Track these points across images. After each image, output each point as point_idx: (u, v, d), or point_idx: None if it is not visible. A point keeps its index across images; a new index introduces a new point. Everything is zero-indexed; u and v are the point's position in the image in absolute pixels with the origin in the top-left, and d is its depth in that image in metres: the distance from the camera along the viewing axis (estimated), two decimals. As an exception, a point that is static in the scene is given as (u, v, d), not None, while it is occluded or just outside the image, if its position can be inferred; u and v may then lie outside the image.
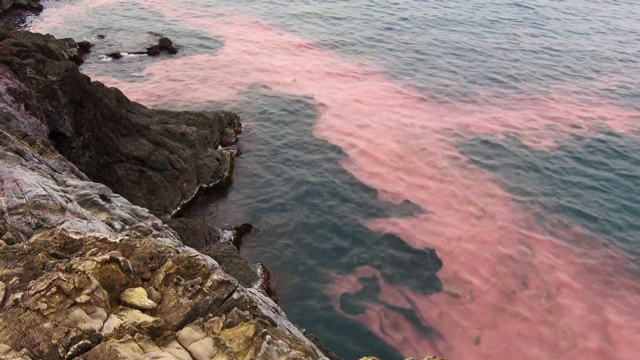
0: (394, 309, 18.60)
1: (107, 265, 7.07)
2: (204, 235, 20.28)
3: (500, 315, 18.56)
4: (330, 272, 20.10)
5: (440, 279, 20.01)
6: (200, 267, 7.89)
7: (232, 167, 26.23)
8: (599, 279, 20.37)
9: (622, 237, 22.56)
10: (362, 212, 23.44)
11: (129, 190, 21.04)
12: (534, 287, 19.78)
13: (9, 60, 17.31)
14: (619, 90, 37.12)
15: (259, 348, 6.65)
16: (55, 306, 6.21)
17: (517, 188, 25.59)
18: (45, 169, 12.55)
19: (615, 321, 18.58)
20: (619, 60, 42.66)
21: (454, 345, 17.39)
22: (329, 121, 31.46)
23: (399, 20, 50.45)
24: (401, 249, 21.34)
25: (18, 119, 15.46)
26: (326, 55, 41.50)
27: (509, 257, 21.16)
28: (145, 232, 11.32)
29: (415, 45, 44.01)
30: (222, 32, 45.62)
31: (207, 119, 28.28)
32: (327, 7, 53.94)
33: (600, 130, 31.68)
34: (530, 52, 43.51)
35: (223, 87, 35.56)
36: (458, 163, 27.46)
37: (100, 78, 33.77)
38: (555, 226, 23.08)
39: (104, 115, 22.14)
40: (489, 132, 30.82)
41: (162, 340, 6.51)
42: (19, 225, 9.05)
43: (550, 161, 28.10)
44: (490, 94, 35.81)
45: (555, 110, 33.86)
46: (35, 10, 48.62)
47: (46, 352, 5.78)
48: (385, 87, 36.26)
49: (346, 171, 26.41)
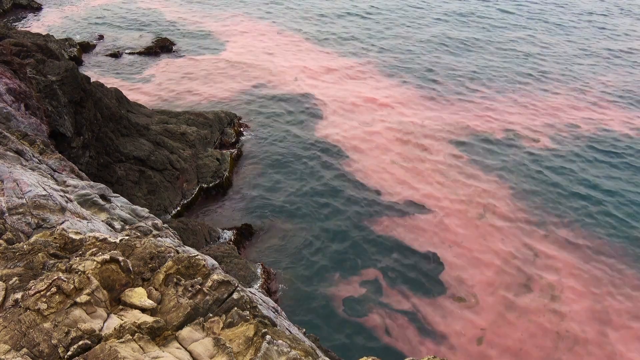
0: (395, 310, 18.59)
1: (107, 265, 7.07)
2: (204, 235, 20.27)
3: (502, 317, 18.54)
4: (331, 272, 20.10)
5: (442, 280, 20.00)
6: (200, 267, 7.89)
7: (232, 167, 26.22)
8: (602, 279, 20.36)
9: (625, 237, 22.55)
10: (362, 211, 23.44)
11: (129, 190, 21.04)
12: (537, 288, 19.76)
13: (9, 60, 17.31)
14: (619, 90, 37.12)
15: (259, 348, 6.65)
16: (55, 306, 6.21)
17: (518, 188, 25.59)
18: (45, 169, 12.54)
19: (618, 322, 18.57)
20: (618, 60, 42.66)
21: (456, 346, 17.39)
22: (330, 121, 31.46)
23: (399, 20, 50.45)
24: (403, 251, 21.32)
25: (18, 119, 15.46)
26: (327, 55, 41.50)
27: (511, 258, 21.15)
28: (145, 232, 11.32)
29: (416, 44, 44.01)
30: (222, 32, 45.62)
31: (207, 119, 28.28)
32: (328, 6, 53.95)
33: (600, 129, 31.68)
34: (530, 51, 43.51)
35: (223, 86, 35.55)
36: (459, 163, 27.45)
37: (100, 78, 33.78)
38: (558, 227, 23.07)
39: (104, 115, 22.14)
40: (489, 131, 30.82)
41: (162, 340, 6.51)
42: (19, 225, 9.04)
43: (551, 160, 28.10)
44: (490, 93, 35.80)
45: (554, 109, 33.86)
46: (35, 10, 48.62)
47: (46, 352, 5.78)
48: (386, 86, 36.27)
49: (347, 171, 26.40)
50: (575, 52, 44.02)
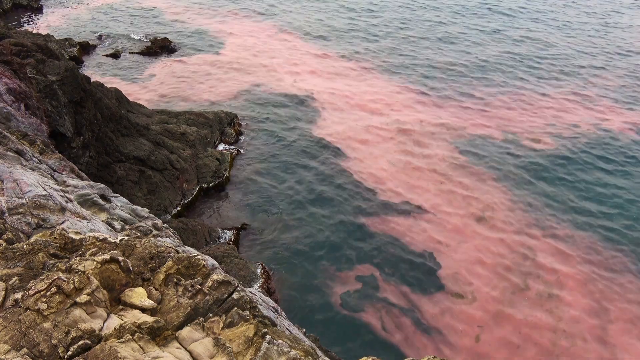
0: (395, 309, 18.60)
1: (107, 265, 7.07)
2: (204, 235, 20.27)
3: (500, 315, 18.56)
4: (331, 272, 20.10)
5: (441, 278, 20.01)
6: (200, 267, 7.89)
7: (232, 167, 26.23)
8: (599, 279, 20.37)
9: (623, 237, 22.55)
10: (362, 212, 23.44)
11: (129, 190, 21.04)
12: (535, 287, 19.77)
13: (9, 60, 17.30)
14: (618, 89, 37.12)
15: (259, 348, 6.65)
16: (55, 306, 6.21)
17: (516, 188, 25.59)
18: (45, 169, 12.55)
19: (616, 323, 18.57)
20: (617, 59, 42.65)
21: (454, 343, 17.40)
22: (329, 121, 31.46)
23: (399, 20, 50.44)
24: (402, 250, 21.34)
25: (18, 119, 15.46)
26: (326, 55, 41.50)
27: (509, 257, 21.15)
28: (145, 232, 11.32)
29: (416, 44, 44.00)
30: (222, 32, 45.62)
31: (207, 119, 28.28)
32: (328, 7, 53.93)
33: (600, 129, 31.68)
34: (529, 51, 43.50)
35: (223, 86, 35.55)
36: (457, 163, 27.46)
37: (100, 78, 33.78)
38: (556, 226, 23.07)
39: (104, 115, 22.14)
40: (488, 131, 30.82)
41: (162, 340, 6.51)
42: (19, 225, 9.05)
43: (549, 161, 28.10)
44: (489, 93, 35.80)
45: (554, 109, 33.86)
46: (35, 10, 48.62)
47: (46, 352, 5.78)
48: (385, 86, 36.27)
49: (346, 171, 26.41)
50: (575, 52, 44.02)
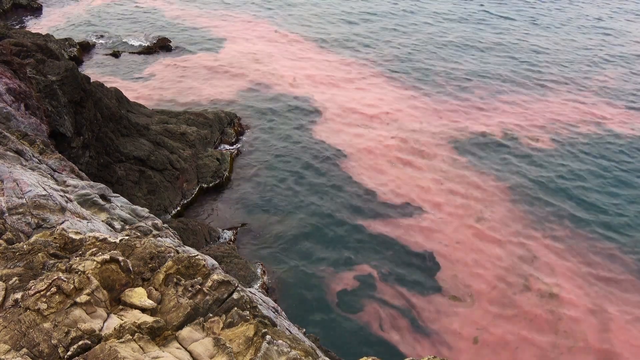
0: (395, 310, 18.61)
1: (107, 265, 7.07)
2: (204, 235, 20.28)
3: (499, 316, 18.56)
4: (331, 273, 20.11)
5: (440, 279, 20.02)
6: (200, 267, 7.89)
7: (232, 167, 26.23)
8: (599, 279, 20.37)
9: (624, 237, 22.55)
10: (362, 212, 23.45)
11: (129, 190, 21.03)
12: (535, 288, 19.77)
13: (9, 60, 17.30)
14: (617, 89, 37.12)
15: (259, 348, 6.65)
16: (55, 306, 6.21)
17: (516, 188, 25.59)
18: (45, 168, 12.55)
19: (616, 323, 18.57)
20: (617, 59, 42.65)
21: (453, 344, 17.40)
22: (329, 121, 31.46)
23: (399, 20, 50.43)
24: (402, 251, 21.34)
25: (18, 118, 15.46)
26: (326, 57, 41.49)
27: (508, 258, 21.15)
28: (145, 232, 11.32)
29: (416, 47, 44.00)
30: (222, 32, 45.60)
31: (207, 119, 28.27)
32: (329, 9, 53.92)
33: (599, 129, 31.68)
34: (529, 52, 43.50)
35: (223, 86, 35.54)
36: (457, 164, 27.45)
37: (100, 78, 33.76)
38: (555, 227, 23.07)
39: (104, 115, 22.13)
40: (487, 132, 30.82)
41: (162, 340, 6.51)
42: (19, 225, 9.05)
43: (549, 161, 28.10)
44: (488, 93, 35.80)
45: (553, 109, 33.86)
46: (35, 10, 48.59)
47: (46, 352, 5.78)
48: (385, 87, 36.26)
49: (345, 172, 26.41)
50: (575, 52, 44.01)
